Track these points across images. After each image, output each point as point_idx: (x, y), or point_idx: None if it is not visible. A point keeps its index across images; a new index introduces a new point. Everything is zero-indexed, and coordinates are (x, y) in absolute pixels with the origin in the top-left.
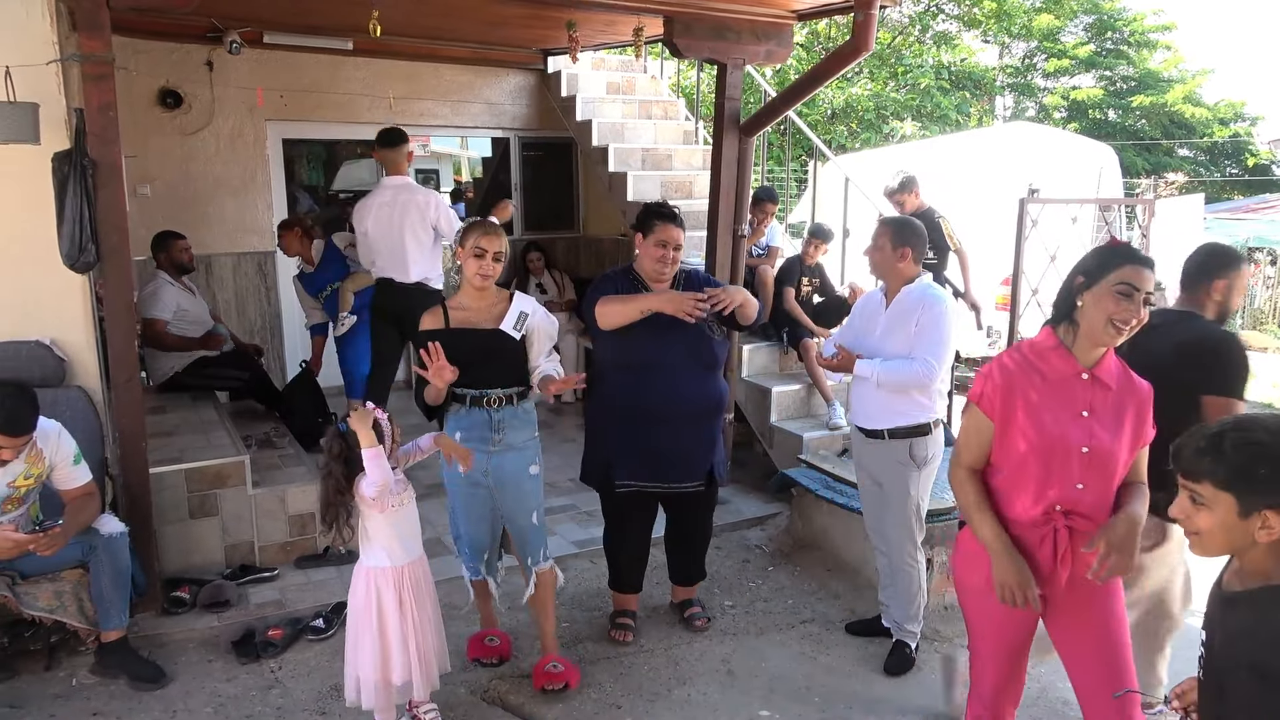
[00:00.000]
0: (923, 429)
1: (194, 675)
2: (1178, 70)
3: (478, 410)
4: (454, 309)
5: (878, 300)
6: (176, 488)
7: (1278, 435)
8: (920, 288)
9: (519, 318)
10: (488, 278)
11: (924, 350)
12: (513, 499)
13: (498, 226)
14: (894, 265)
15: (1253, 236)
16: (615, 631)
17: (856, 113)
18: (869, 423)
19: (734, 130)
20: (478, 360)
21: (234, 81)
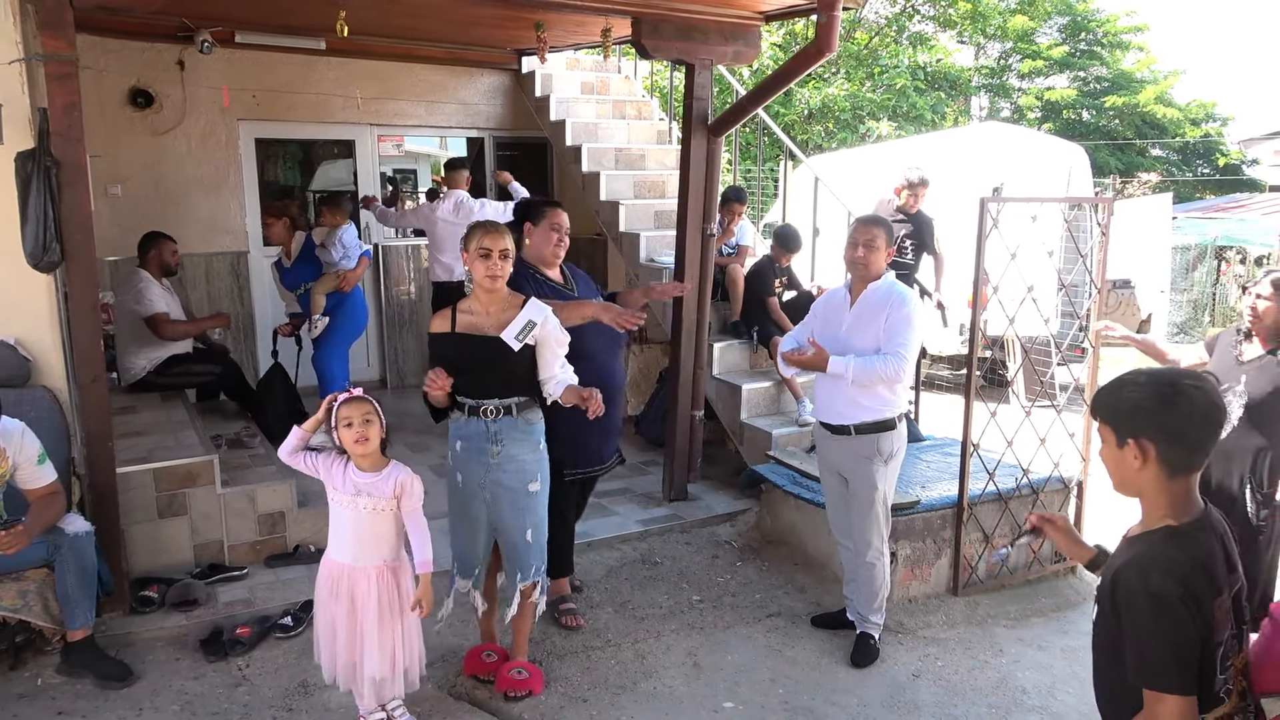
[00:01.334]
0: (888, 424)
1: (161, 674)
2: (1150, 71)
3: (475, 420)
4: (463, 312)
5: (841, 297)
6: (145, 487)
7: (1150, 381)
8: (887, 285)
9: (524, 327)
10: (497, 278)
11: (894, 345)
12: (508, 515)
13: (501, 225)
14: (882, 264)
15: (1222, 235)
16: (567, 618)
17: (833, 113)
18: (835, 419)
19: (702, 130)
20: (477, 368)
21: (206, 81)
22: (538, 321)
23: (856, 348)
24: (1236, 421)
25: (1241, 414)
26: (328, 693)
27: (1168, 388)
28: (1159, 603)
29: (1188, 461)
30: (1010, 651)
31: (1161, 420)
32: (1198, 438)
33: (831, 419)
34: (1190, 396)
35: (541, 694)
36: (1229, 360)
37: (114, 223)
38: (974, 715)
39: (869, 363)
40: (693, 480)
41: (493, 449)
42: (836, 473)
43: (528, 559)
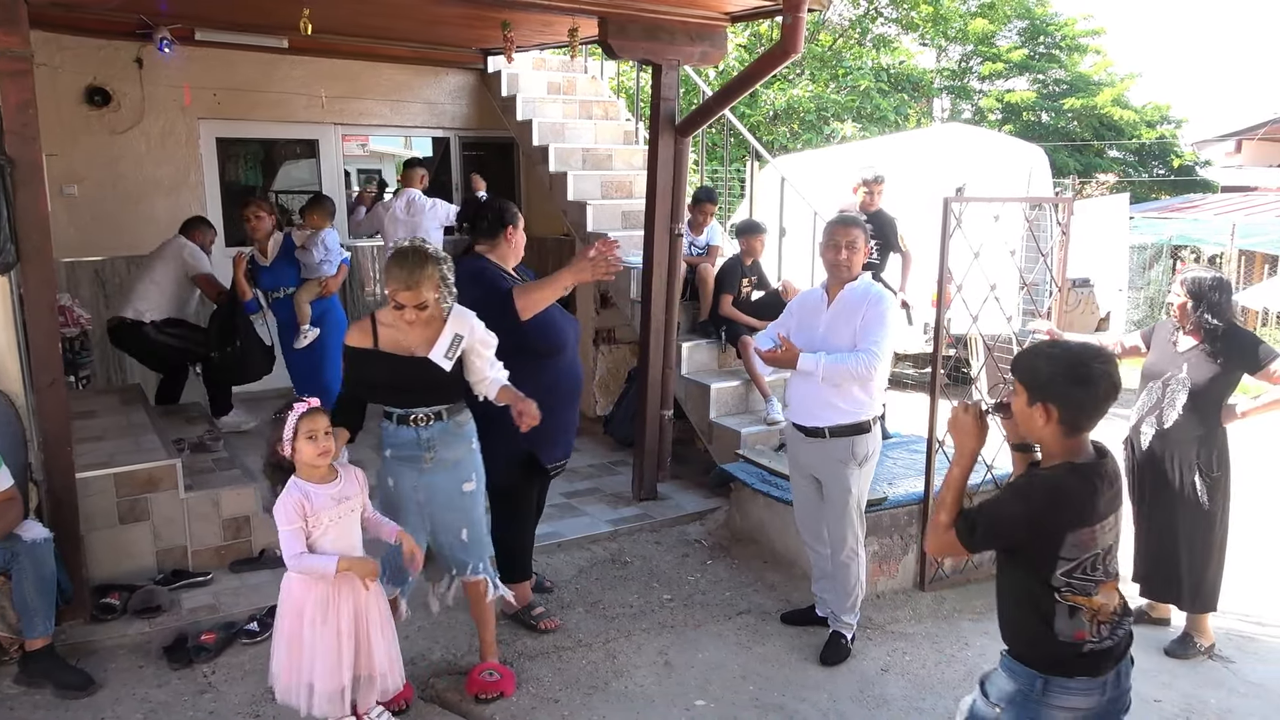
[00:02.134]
0: (863, 426)
1: (124, 682)
2: (1107, 74)
3: (405, 428)
4: (384, 325)
5: (818, 297)
6: (105, 492)
7: (1065, 356)
8: (864, 285)
9: (452, 342)
10: (413, 324)
11: (867, 342)
12: (443, 516)
13: (420, 271)
14: (859, 263)
15: (1177, 235)
16: (545, 622)
17: (798, 114)
18: (809, 420)
19: (670, 130)
20: (401, 386)
21: (165, 80)
22: (464, 334)
23: (833, 348)
24: (1181, 409)
25: (1185, 400)
26: None
27: (1080, 367)
28: (1018, 490)
29: (1084, 426)
30: (976, 645)
31: (1068, 393)
32: (1095, 409)
33: (805, 420)
34: (1096, 376)
35: (513, 695)
36: (1168, 351)
37: (70, 223)
38: (941, 708)
39: (840, 359)
40: (662, 479)
41: (426, 455)
42: (809, 474)
43: (465, 557)
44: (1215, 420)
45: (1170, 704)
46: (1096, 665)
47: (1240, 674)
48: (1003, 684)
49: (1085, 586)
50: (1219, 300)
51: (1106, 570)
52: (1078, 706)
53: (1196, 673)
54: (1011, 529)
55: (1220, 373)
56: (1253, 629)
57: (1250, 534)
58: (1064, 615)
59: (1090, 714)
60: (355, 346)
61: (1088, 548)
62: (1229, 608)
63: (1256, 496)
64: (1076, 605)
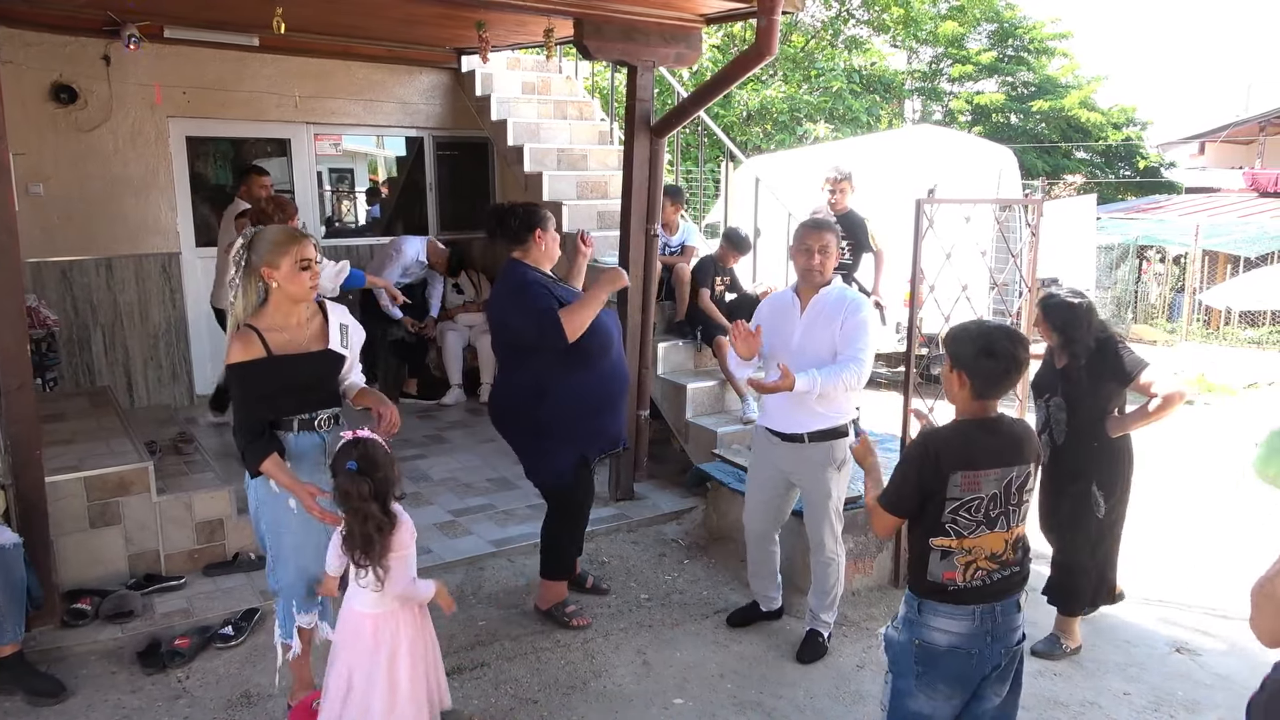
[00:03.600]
0: (842, 430)
1: (96, 688)
2: (1074, 77)
3: (308, 435)
4: (268, 331)
5: (789, 302)
6: (75, 496)
7: (979, 334)
8: (839, 291)
9: (341, 331)
10: (316, 287)
11: (854, 350)
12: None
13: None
14: (831, 268)
15: (1143, 235)
16: (578, 619)
17: (771, 114)
18: (789, 426)
19: (645, 131)
20: (307, 385)
21: (133, 77)
22: (348, 324)
23: (810, 354)
24: (1066, 427)
25: (1065, 419)
26: (272, 702)
27: (991, 344)
28: (914, 443)
29: (990, 394)
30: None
31: (977, 365)
32: (999, 380)
33: (784, 427)
34: (1001, 353)
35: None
36: (1050, 367)
37: (35, 223)
38: None
39: (833, 373)
40: (639, 480)
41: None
42: (781, 477)
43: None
44: (1103, 434)
45: (1139, 696)
46: (961, 598)
47: (1207, 666)
48: (900, 609)
49: (968, 526)
50: (1075, 319)
51: (989, 518)
52: (950, 629)
53: (1164, 666)
54: (910, 472)
55: (1091, 390)
56: (1218, 623)
57: (1215, 529)
58: (936, 559)
59: (965, 638)
60: (248, 360)
61: (971, 490)
62: (1195, 602)
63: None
64: (949, 549)
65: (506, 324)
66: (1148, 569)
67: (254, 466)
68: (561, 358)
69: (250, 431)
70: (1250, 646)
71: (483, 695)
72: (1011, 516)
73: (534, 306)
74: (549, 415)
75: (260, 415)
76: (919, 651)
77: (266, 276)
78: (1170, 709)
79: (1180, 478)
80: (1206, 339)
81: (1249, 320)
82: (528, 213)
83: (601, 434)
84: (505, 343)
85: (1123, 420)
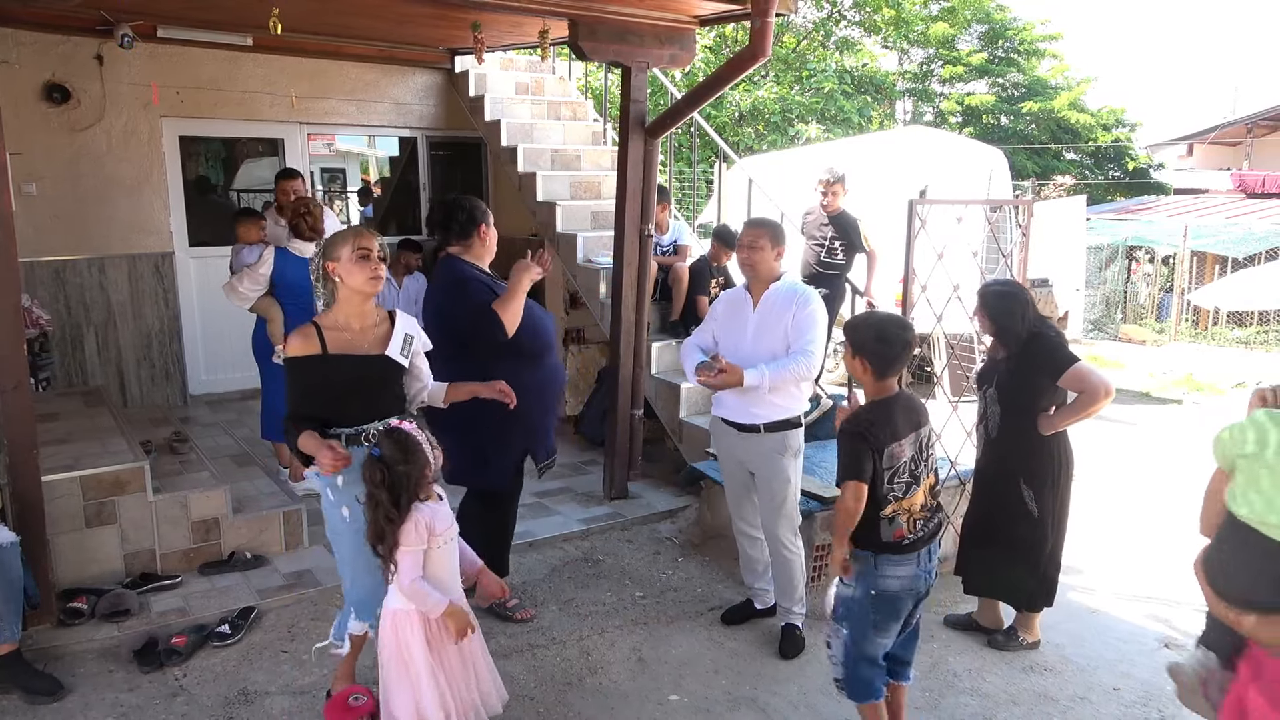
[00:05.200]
0: (795, 421)
1: (94, 686)
2: (1064, 78)
3: (356, 449)
4: (330, 329)
5: (741, 298)
6: (71, 496)
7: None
8: (789, 285)
9: (405, 341)
10: (379, 279)
11: (803, 343)
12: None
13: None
14: (771, 264)
15: (1132, 236)
16: (521, 613)
17: (763, 115)
18: (744, 418)
19: (639, 132)
20: (360, 390)
21: (126, 77)
22: (414, 335)
23: (764, 349)
24: (1000, 420)
25: (999, 411)
26: (270, 699)
27: (884, 331)
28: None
29: (888, 373)
30: (941, 637)
31: (874, 350)
32: (894, 361)
33: (740, 418)
34: (893, 339)
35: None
36: (991, 359)
37: (29, 223)
38: (908, 699)
39: (782, 366)
40: (633, 479)
41: None
42: (742, 466)
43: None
44: (1034, 431)
45: (1129, 692)
46: (913, 548)
47: None
48: (855, 566)
49: (901, 488)
50: (1008, 308)
51: (914, 476)
52: (901, 575)
53: (1153, 662)
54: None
55: (1022, 383)
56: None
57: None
58: (885, 525)
59: (910, 579)
60: (302, 355)
61: (898, 458)
62: (1183, 598)
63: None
64: (895, 514)
65: (444, 316)
66: (1136, 566)
67: (293, 442)
68: (503, 354)
69: (296, 420)
70: None
71: None
72: (925, 470)
73: (474, 301)
74: (492, 412)
75: (309, 410)
76: (875, 600)
77: (330, 271)
78: (1159, 704)
79: (1168, 477)
80: (1195, 339)
81: (1236, 320)
82: (473, 207)
83: (544, 431)
84: (444, 337)
85: (1053, 418)
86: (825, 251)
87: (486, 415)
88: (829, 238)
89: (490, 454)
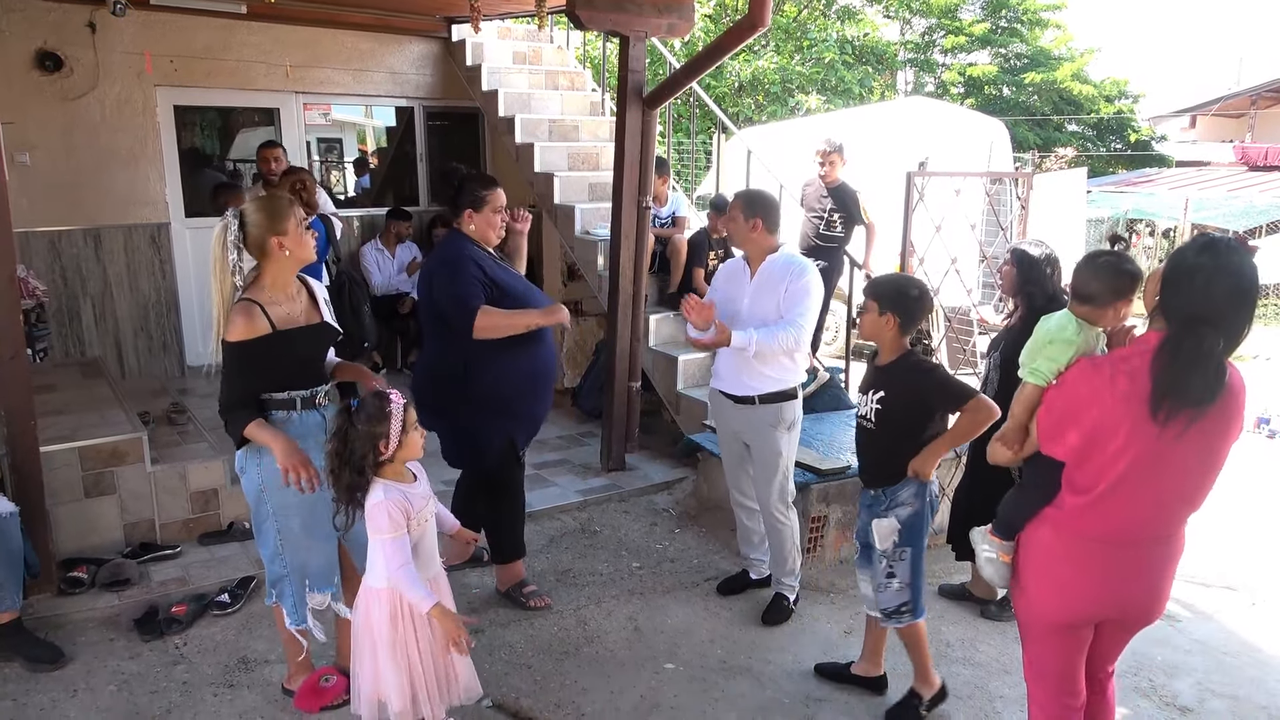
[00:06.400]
0: (790, 393)
1: (95, 654)
2: (1067, 49)
3: (310, 414)
4: (270, 305)
5: (741, 268)
6: (70, 466)
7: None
8: (785, 257)
9: (327, 305)
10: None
11: (793, 314)
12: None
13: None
14: (747, 235)
15: (1133, 209)
16: (535, 600)
17: (763, 86)
18: (738, 389)
19: (637, 103)
20: (308, 362)
21: (120, 45)
22: (326, 296)
23: (757, 320)
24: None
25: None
26: (269, 667)
27: (911, 289)
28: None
29: (911, 328)
30: (935, 607)
31: (905, 306)
32: (920, 317)
33: (736, 390)
34: (921, 295)
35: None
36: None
37: (23, 193)
38: (901, 667)
39: (770, 333)
40: (630, 450)
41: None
42: (737, 438)
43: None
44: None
45: (1120, 661)
46: None
47: (1185, 632)
48: (905, 492)
49: None
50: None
51: None
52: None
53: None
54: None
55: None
56: (1197, 591)
57: None
58: None
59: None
60: (255, 338)
61: None
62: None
63: None
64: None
65: (430, 293)
66: None
67: (239, 432)
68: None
69: (240, 405)
70: (1226, 614)
71: (477, 661)
72: None
73: (456, 290)
74: (479, 392)
75: (255, 391)
76: (929, 512)
77: (278, 247)
78: (1150, 673)
79: None
80: None
81: None
82: (468, 186)
83: (531, 419)
84: (429, 315)
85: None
86: (824, 224)
87: (469, 400)
88: (828, 210)
89: (476, 439)
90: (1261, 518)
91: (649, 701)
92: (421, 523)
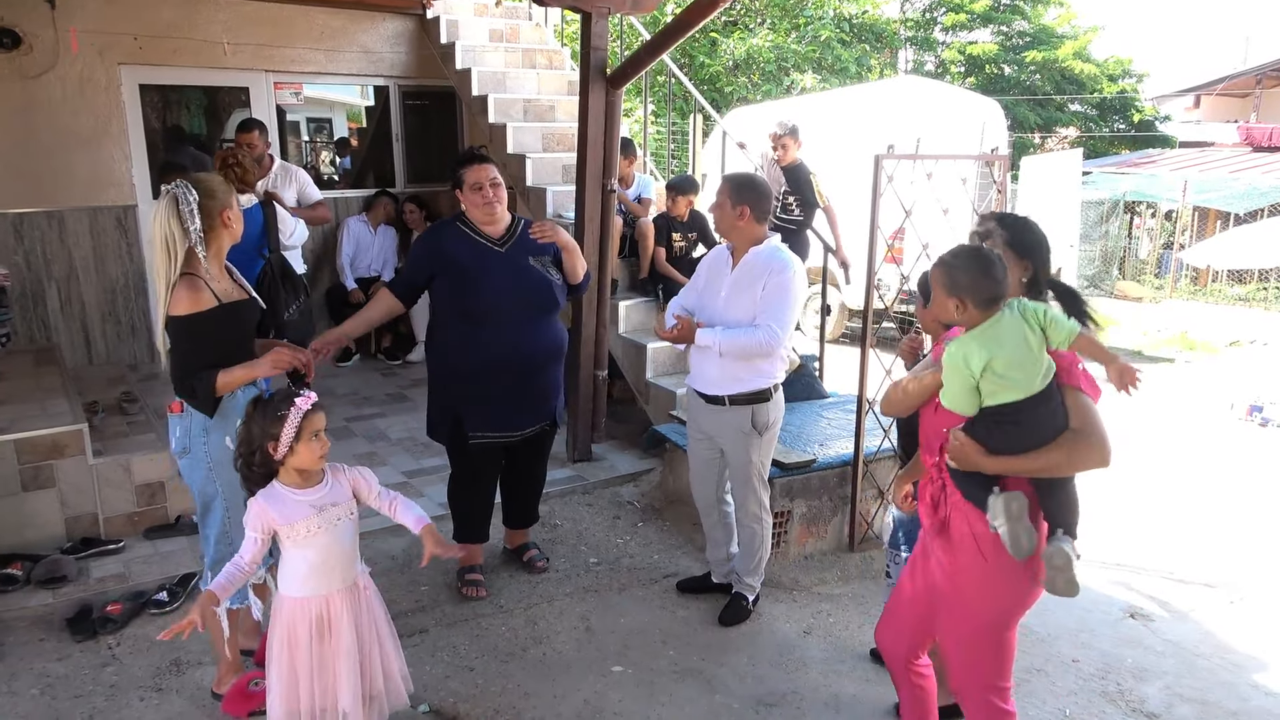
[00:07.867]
0: (764, 395)
1: (21, 655)
2: (1070, 27)
3: (249, 390)
4: (212, 279)
5: (724, 259)
6: (6, 459)
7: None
8: (769, 250)
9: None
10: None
11: (769, 316)
12: None
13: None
14: (734, 223)
15: (1133, 190)
16: (468, 589)
17: (758, 64)
18: (709, 388)
19: (600, 81)
20: (247, 337)
21: (80, 22)
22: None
23: (734, 315)
24: None
25: None
26: (201, 670)
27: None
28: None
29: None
30: None
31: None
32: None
33: (705, 389)
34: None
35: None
36: None
37: None
38: (860, 670)
39: (737, 336)
40: (599, 440)
41: None
42: (708, 437)
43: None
44: None
45: (1088, 664)
46: None
47: (1158, 632)
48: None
49: None
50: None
51: None
52: None
53: (1116, 632)
54: None
55: None
56: (1173, 588)
57: (1177, 493)
58: None
59: None
60: (204, 310)
61: None
62: (1153, 567)
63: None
64: None
65: None
66: (1106, 531)
67: (210, 389)
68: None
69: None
70: (1202, 613)
71: (418, 663)
72: None
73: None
74: (429, 363)
75: (207, 363)
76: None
77: (227, 220)
78: (1118, 676)
79: (1149, 439)
80: (1193, 296)
81: (1236, 277)
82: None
83: (481, 402)
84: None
85: None
86: (780, 207)
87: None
88: (783, 192)
89: (429, 410)
90: (1248, 510)
91: (592, 707)
92: (311, 530)
